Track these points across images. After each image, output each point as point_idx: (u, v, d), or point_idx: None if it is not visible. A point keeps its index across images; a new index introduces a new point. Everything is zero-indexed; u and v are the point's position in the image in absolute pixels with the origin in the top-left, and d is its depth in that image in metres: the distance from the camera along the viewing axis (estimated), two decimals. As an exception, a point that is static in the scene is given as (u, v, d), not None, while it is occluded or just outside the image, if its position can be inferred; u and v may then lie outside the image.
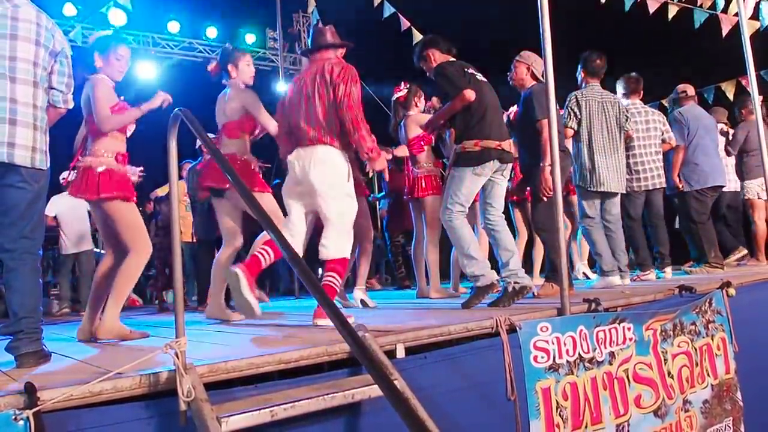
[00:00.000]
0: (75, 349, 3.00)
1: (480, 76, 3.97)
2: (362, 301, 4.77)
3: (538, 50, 3.71)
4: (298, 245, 3.50)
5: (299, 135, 3.47)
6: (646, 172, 5.52)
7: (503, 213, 4.00)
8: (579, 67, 5.13)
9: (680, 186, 5.92)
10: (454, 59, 4.10)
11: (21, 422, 1.70)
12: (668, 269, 5.65)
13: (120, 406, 1.93)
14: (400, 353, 2.59)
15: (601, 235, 4.92)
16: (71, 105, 2.83)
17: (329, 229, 3.40)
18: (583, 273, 6.10)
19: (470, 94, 3.78)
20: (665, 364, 3.44)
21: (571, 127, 4.89)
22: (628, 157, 5.39)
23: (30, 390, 1.76)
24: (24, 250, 2.53)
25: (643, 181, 5.52)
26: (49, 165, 2.64)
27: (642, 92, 5.73)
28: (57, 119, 2.82)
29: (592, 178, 4.88)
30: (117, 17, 9.18)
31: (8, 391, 1.86)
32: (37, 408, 1.72)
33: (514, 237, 4.59)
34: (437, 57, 4.10)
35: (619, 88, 5.71)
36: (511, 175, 4.71)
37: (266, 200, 4.03)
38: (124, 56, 3.49)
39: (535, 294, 4.15)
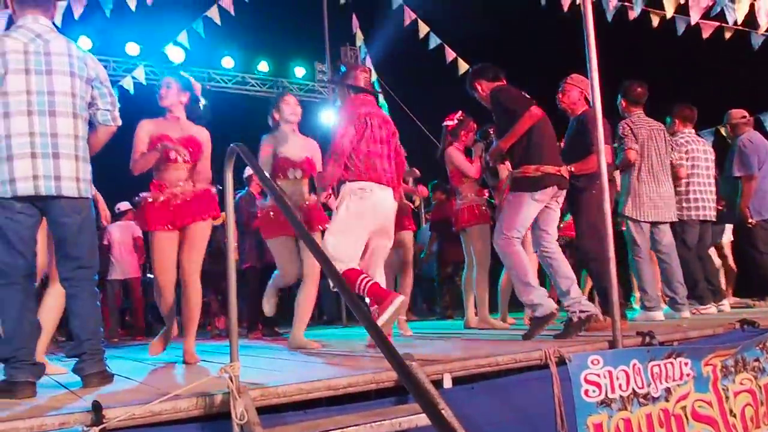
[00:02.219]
0: (134, 371, 3.11)
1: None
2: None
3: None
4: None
5: (381, 172, 3.64)
6: (704, 201, 5.38)
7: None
8: (619, 96, 5.08)
9: (750, 218, 5.62)
10: (506, 85, 4.11)
11: (87, 438, 1.79)
12: (726, 302, 5.45)
13: (178, 426, 2.00)
14: (447, 383, 2.59)
15: (649, 268, 4.80)
16: (119, 122, 2.90)
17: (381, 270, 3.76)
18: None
19: (538, 110, 3.78)
20: (727, 402, 3.30)
21: (633, 149, 4.80)
22: (687, 184, 5.29)
23: (97, 408, 1.85)
24: (81, 278, 2.65)
25: (701, 210, 5.36)
26: (92, 193, 2.73)
27: (695, 120, 5.62)
28: (109, 138, 2.89)
29: (641, 208, 4.79)
30: (176, 55, 9.61)
31: (76, 408, 1.96)
32: (102, 425, 1.81)
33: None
34: (485, 86, 4.12)
35: (672, 120, 5.59)
36: None
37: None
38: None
39: (587, 327, 4.06)
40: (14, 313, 2.49)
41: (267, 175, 2.16)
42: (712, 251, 6.12)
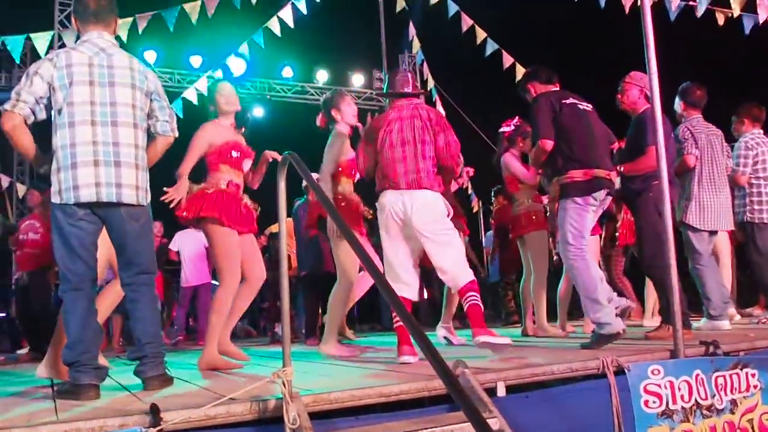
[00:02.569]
0: (194, 375, 3.22)
1: (584, 105, 3.89)
2: (446, 338, 4.78)
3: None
4: (414, 288, 3.64)
5: (399, 177, 3.54)
6: None
7: None
8: (678, 99, 4.90)
9: None
10: (557, 89, 4.05)
11: (146, 439, 1.87)
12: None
13: (232, 429, 2.07)
14: (501, 391, 2.56)
15: (712, 276, 4.61)
16: (177, 133, 3.01)
17: (446, 264, 3.50)
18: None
19: (547, 144, 3.73)
20: (797, 415, 3.15)
21: (693, 154, 4.64)
22: (759, 186, 5.07)
23: (155, 411, 1.94)
24: (141, 283, 2.77)
25: None
26: (149, 201, 2.84)
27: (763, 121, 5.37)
28: (166, 149, 3.01)
29: (702, 216, 4.61)
30: (237, 66, 9.90)
31: (136, 410, 2.05)
32: (160, 427, 1.89)
33: None
34: (538, 88, 4.06)
35: (738, 119, 5.35)
36: None
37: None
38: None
39: (647, 336, 3.94)
40: (78, 318, 2.61)
41: (317, 183, 2.20)
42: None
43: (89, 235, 2.69)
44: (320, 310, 6.51)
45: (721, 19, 5.56)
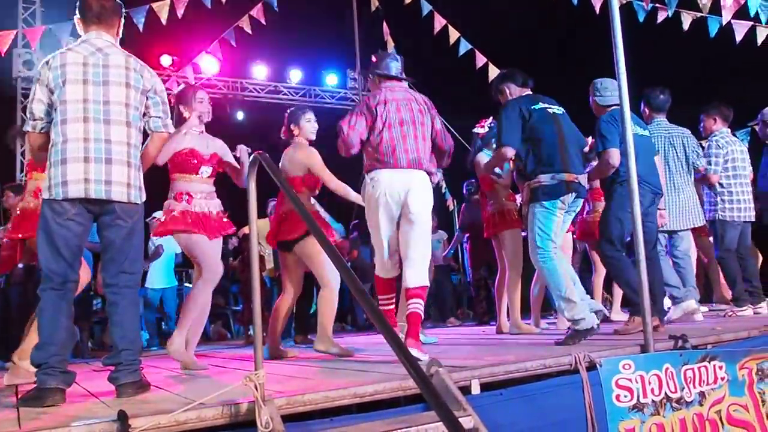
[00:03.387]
0: (165, 380, 3.17)
1: (554, 109, 3.92)
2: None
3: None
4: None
5: (397, 155, 3.43)
6: (745, 202, 5.25)
7: None
8: (642, 104, 4.99)
9: None
10: (530, 93, 4.08)
11: (114, 447, 1.84)
12: (764, 304, 5.29)
13: (204, 435, 2.04)
14: (476, 389, 2.58)
15: (666, 263, 4.73)
16: (172, 129, 3.03)
17: (416, 256, 3.42)
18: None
19: (508, 152, 3.82)
20: (763, 405, 3.21)
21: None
22: (729, 185, 5.18)
23: (122, 417, 1.90)
24: (123, 284, 2.72)
25: (744, 211, 5.23)
26: (144, 200, 2.81)
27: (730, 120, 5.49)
28: (162, 144, 3.02)
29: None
30: (209, 65, 9.79)
31: (104, 417, 2.00)
32: (128, 434, 1.85)
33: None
34: (512, 90, 4.10)
35: (707, 118, 5.45)
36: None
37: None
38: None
39: (615, 331, 4.00)
40: (53, 319, 2.57)
41: (287, 182, 2.18)
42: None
43: (76, 236, 2.65)
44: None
45: (687, 22, 5.65)
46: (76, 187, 2.60)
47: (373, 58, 3.80)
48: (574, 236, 5.64)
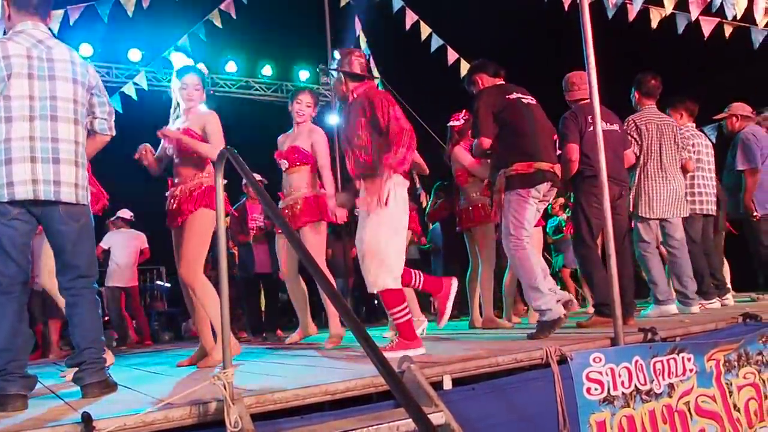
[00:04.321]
0: (132, 380, 3.11)
1: (528, 99, 3.93)
2: None
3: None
4: None
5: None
6: (707, 195, 5.34)
7: None
8: (633, 89, 5.02)
9: (755, 212, 5.57)
10: (503, 83, 4.09)
11: (77, 450, 1.79)
12: (730, 296, 5.40)
13: (171, 435, 1.99)
14: (447, 384, 2.57)
15: (657, 262, 4.76)
16: (114, 132, 2.92)
17: None
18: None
19: (485, 142, 3.82)
20: (730, 396, 3.28)
21: (634, 153, 4.75)
22: (692, 178, 5.25)
23: (86, 419, 1.85)
24: (81, 287, 2.65)
25: (706, 204, 5.32)
26: (89, 200, 2.73)
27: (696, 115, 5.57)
28: (102, 147, 2.91)
29: (650, 205, 4.75)
30: (179, 60, 9.62)
31: (68, 420, 1.95)
32: (93, 437, 1.80)
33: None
34: (485, 81, 4.10)
35: (675, 112, 5.52)
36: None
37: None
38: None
39: (578, 324, 4.06)
40: (7, 323, 2.48)
41: (254, 177, 2.14)
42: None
43: (22, 235, 2.55)
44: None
45: (655, 20, 5.71)
46: (24, 189, 2.49)
47: (337, 55, 3.64)
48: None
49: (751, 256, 5.89)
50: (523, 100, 3.91)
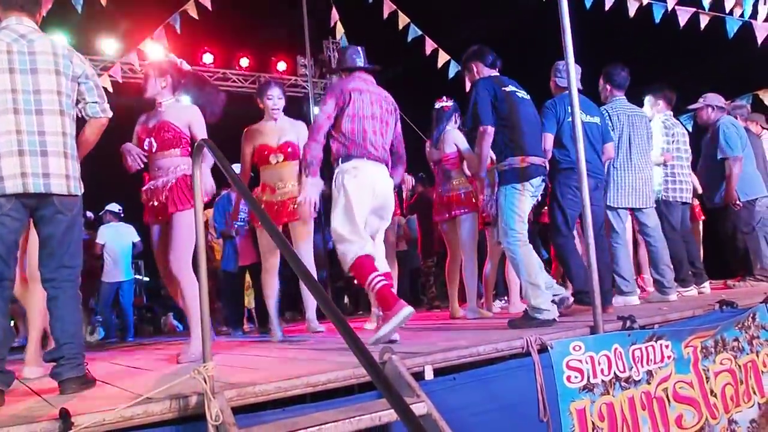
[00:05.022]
0: (113, 376, 3.07)
1: (521, 93, 3.96)
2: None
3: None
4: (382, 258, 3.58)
5: (374, 147, 3.52)
6: (686, 184, 5.41)
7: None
8: (602, 81, 5.06)
9: (738, 200, 5.65)
10: (497, 75, 4.08)
11: (56, 447, 1.76)
12: (707, 284, 5.48)
13: (151, 430, 1.97)
14: (429, 375, 2.58)
15: (625, 254, 4.82)
16: (110, 114, 2.90)
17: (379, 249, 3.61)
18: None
19: (489, 131, 3.81)
20: (707, 382, 3.33)
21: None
22: (672, 167, 5.31)
23: (64, 415, 1.82)
24: (63, 279, 2.61)
25: (685, 192, 5.39)
26: (82, 191, 2.71)
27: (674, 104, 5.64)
28: (101, 131, 2.90)
29: (620, 194, 4.80)
30: (154, 52, 9.47)
31: (45, 416, 1.92)
32: (71, 432, 1.77)
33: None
34: (480, 69, 4.09)
35: (655, 100, 5.57)
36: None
37: None
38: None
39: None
40: None
41: (233, 169, 2.12)
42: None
43: (11, 232, 2.53)
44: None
45: (633, 8, 5.75)
46: (13, 183, 2.48)
47: (337, 55, 3.85)
48: None
49: (722, 244, 6.00)
50: (517, 93, 3.94)
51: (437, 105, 5.22)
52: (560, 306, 3.70)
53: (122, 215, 8.08)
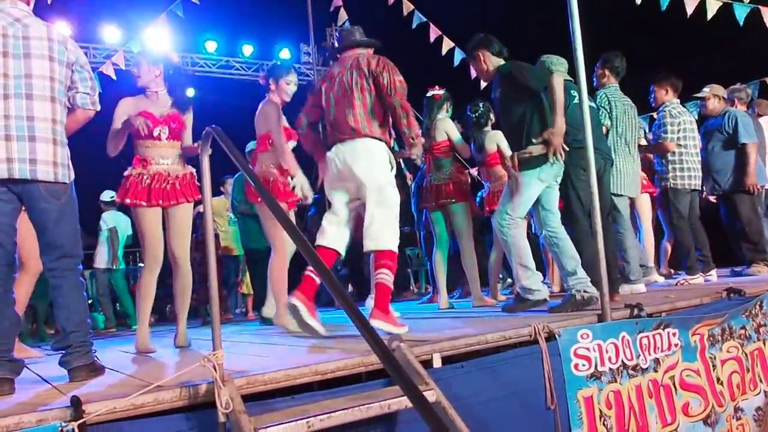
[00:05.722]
0: (122, 364, 3.08)
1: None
2: None
3: (567, 53, 3.65)
4: (344, 234, 3.49)
5: (338, 130, 3.43)
6: (695, 171, 5.40)
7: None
8: (599, 66, 5.04)
9: (757, 186, 5.64)
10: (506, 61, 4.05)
11: (67, 433, 1.76)
12: (713, 272, 5.47)
13: (161, 418, 1.98)
14: (437, 363, 2.58)
15: (632, 241, 4.82)
16: (98, 107, 2.86)
17: (375, 220, 3.32)
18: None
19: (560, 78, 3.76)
20: (714, 370, 3.33)
21: (605, 125, 4.78)
22: (681, 154, 5.31)
23: (75, 403, 1.82)
24: (65, 267, 2.60)
25: (693, 179, 5.37)
26: (72, 178, 2.68)
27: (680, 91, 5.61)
28: (85, 122, 2.85)
29: (621, 182, 4.79)
30: (157, 39, 9.43)
31: (57, 404, 1.93)
32: (82, 420, 1.78)
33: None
34: (487, 58, 4.04)
35: (664, 85, 5.52)
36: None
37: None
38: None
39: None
40: None
41: (242, 156, 2.11)
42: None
43: (4, 215, 2.51)
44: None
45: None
46: None
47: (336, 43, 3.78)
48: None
49: (727, 231, 6.00)
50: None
51: (429, 93, 5.22)
52: (587, 305, 3.59)
53: (116, 203, 8.05)
